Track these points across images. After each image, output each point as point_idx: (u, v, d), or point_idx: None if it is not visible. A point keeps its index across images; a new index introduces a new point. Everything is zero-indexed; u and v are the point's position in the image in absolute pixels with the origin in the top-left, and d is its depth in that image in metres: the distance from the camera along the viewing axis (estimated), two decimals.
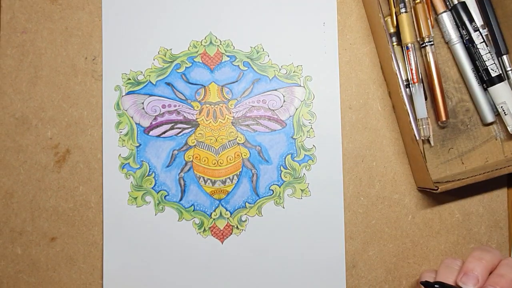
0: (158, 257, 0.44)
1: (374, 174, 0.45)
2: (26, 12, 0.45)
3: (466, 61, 0.45)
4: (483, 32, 0.44)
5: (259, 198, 0.45)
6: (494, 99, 0.44)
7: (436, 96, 0.44)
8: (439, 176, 0.46)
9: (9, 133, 0.44)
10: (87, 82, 0.45)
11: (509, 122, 0.43)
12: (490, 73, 0.43)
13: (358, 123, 0.45)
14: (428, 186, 0.42)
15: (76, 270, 0.44)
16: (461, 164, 0.46)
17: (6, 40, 0.45)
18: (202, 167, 0.45)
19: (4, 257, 0.44)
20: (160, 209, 0.44)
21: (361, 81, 0.46)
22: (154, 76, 0.45)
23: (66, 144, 0.45)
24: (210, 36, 0.45)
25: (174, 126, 0.45)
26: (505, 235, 0.46)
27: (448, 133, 0.46)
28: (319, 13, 0.45)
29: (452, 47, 0.45)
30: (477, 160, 0.46)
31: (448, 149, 0.46)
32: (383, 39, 0.42)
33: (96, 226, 0.44)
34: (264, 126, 0.45)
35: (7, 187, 0.44)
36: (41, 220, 0.44)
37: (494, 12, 0.44)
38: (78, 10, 0.45)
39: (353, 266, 0.45)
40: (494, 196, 0.46)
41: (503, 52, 0.44)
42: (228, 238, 0.44)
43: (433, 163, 0.46)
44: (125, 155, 0.44)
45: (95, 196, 0.44)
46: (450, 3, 0.44)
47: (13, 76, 0.45)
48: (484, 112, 0.45)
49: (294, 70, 0.45)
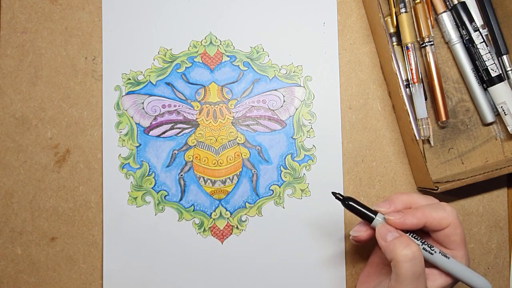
0: (158, 257, 0.44)
1: (374, 174, 0.45)
2: (26, 12, 0.45)
3: (466, 61, 0.45)
4: (483, 32, 0.44)
5: (259, 198, 0.45)
6: (494, 99, 0.44)
7: (436, 96, 0.44)
8: (439, 176, 0.46)
9: (9, 133, 0.44)
10: (87, 82, 0.45)
11: (509, 122, 0.43)
12: (490, 73, 0.43)
13: (358, 123, 0.45)
14: (428, 186, 0.42)
15: (76, 270, 0.44)
16: (461, 164, 0.46)
17: (6, 40, 0.45)
18: (202, 167, 0.45)
19: (4, 257, 0.44)
20: (160, 209, 0.44)
21: (361, 81, 0.46)
22: (154, 76, 0.45)
23: (66, 144, 0.45)
24: (210, 36, 0.45)
25: (174, 126, 0.45)
26: (505, 235, 0.46)
27: (448, 133, 0.46)
28: (319, 13, 0.45)
29: (452, 47, 0.45)
30: (477, 160, 0.46)
31: (448, 149, 0.46)
32: (383, 39, 0.42)
33: (96, 226, 0.44)
34: (264, 126, 0.45)
35: (7, 187, 0.44)
36: (41, 220, 0.44)
37: (494, 12, 0.44)
38: (78, 10, 0.45)
39: (353, 266, 0.45)
40: (494, 196, 0.46)
41: (503, 52, 0.44)
42: (228, 238, 0.45)
43: (433, 163, 0.46)
44: (125, 155, 0.44)
45: (95, 196, 0.44)
46: (450, 3, 0.44)
47: (13, 76, 0.45)
48: (484, 112, 0.45)
49: (294, 70, 0.45)
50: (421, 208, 0.36)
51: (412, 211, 0.36)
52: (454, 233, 0.36)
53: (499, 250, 0.45)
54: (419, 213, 0.35)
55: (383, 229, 0.35)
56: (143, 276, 0.44)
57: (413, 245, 0.34)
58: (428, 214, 0.35)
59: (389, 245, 0.34)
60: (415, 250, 0.33)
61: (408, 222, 0.35)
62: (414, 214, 0.35)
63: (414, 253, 0.33)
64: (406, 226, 0.35)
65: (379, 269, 0.40)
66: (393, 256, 0.34)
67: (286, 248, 0.44)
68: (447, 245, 0.36)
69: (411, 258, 0.33)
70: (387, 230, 0.35)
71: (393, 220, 0.35)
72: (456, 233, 0.36)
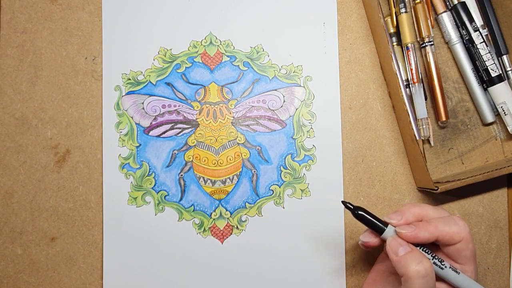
0: (158, 257, 0.44)
1: (374, 174, 0.45)
2: (26, 12, 0.45)
3: (466, 61, 0.45)
4: (483, 32, 0.44)
5: (259, 198, 0.45)
6: (494, 99, 0.44)
7: (436, 96, 0.44)
8: (439, 176, 0.46)
9: (9, 133, 0.44)
10: (87, 82, 0.45)
11: (509, 122, 0.43)
12: (490, 73, 0.43)
13: (358, 123, 0.45)
14: (428, 186, 0.42)
15: (76, 270, 0.44)
16: (461, 164, 0.46)
17: (6, 40, 0.45)
18: (202, 167, 0.45)
19: (4, 257, 0.44)
20: (160, 209, 0.44)
21: (361, 81, 0.46)
22: (154, 76, 0.45)
23: (66, 144, 0.45)
24: (210, 36, 0.45)
25: (174, 126, 0.45)
26: (505, 235, 0.46)
27: (448, 133, 0.46)
28: (319, 13, 0.45)
29: (452, 47, 0.45)
30: (477, 160, 0.46)
31: (448, 149, 0.46)
32: (383, 39, 0.42)
33: (96, 226, 0.44)
34: (264, 126, 0.45)
35: (7, 187, 0.44)
36: (41, 220, 0.44)
37: (494, 12, 0.44)
38: (78, 10, 0.45)
39: (353, 266, 0.45)
40: (494, 196, 0.46)
41: (503, 52, 0.44)
42: (228, 238, 0.45)
43: (433, 163, 0.46)
44: (125, 155, 0.44)
45: (95, 196, 0.44)
46: (450, 3, 0.44)
47: (13, 76, 0.45)
48: (484, 112, 0.45)
49: (294, 70, 0.45)
50: (434, 221, 0.35)
51: (425, 224, 0.35)
52: (466, 248, 0.35)
53: (499, 250, 0.45)
54: (432, 227, 0.34)
55: (395, 243, 0.34)
56: (143, 276, 0.44)
57: (426, 262, 0.33)
58: (441, 228, 0.34)
59: (401, 260, 0.33)
60: (427, 267, 0.33)
61: (420, 236, 0.34)
62: (427, 228, 0.34)
63: (426, 269, 0.32)
64: (418, 240, 0.34)
65: (385, 277, 0.39)
66: (405, 272, 0.33)
67: (286, 248, 0.44)
68: (457, 260, 0.35)
69: (424, 276, 0.32)
70: (398, 244, 0.34)
71: (405, 234, 0.34)
72: (468, 248, 0.35)
